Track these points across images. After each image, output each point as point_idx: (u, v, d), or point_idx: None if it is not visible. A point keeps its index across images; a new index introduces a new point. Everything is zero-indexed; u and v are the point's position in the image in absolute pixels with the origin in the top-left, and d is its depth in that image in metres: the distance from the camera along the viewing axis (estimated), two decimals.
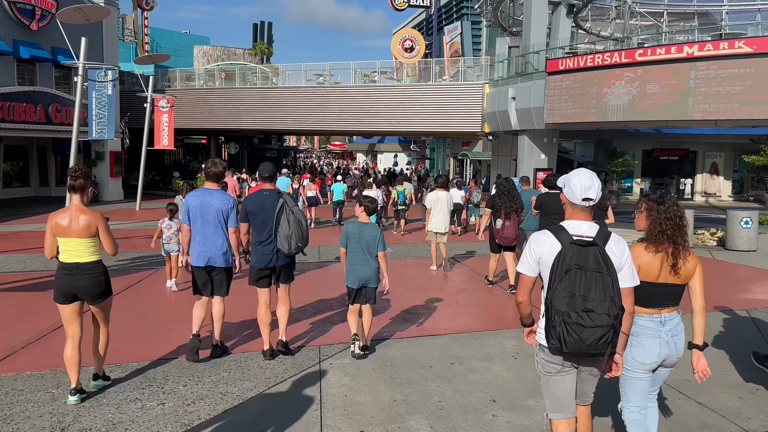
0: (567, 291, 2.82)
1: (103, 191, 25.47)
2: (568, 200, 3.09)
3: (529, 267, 3.10)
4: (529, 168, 20.88)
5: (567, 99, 17.93)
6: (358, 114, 25.56)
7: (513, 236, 8.62)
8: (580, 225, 3.03)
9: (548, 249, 2.99)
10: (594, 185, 3.01)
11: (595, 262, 2.85)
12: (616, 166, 32.51)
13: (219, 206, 5.47)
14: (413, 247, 13.62)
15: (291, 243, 5.39)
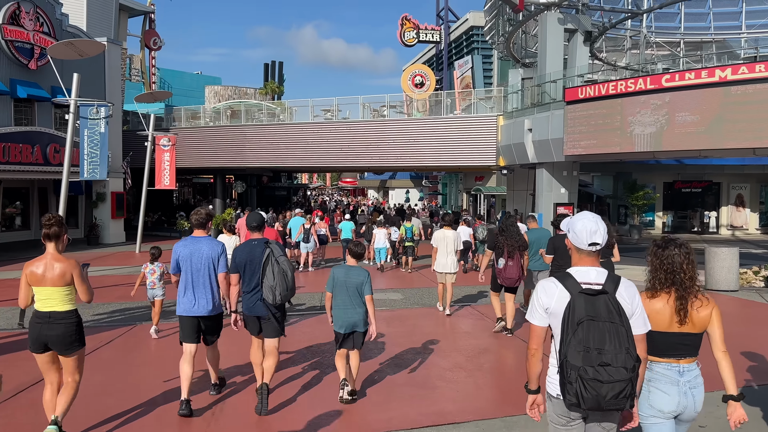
0: (581, 344, 2.71)
1: (103, 233, 24.57)
2: (574, 246, 3.00)
3: (539, 317, 2.99)
4: (548, 203, 19.69)
5: (588, 129, 16.83)
6: (367, 149, 24.63)
7: (516, 276, 8.18)
8: (588, 272, 2.94)
9: (557, 299, 2.89)
10: (599, 229, 2.95)
11: (607, 312, 2.76)
12: (636, 199, 31.29)
13: (208, 253, 5.50)
14: (426, 293, 12.40)
15: (275, 293, 5.36)
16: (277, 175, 44.62)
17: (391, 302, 11.18)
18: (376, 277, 15.47)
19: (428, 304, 11.06)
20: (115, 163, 24.48)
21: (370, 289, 5.70)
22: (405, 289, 12.75)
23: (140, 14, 35.26)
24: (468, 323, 9.40)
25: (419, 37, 46.21)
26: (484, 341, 8.36)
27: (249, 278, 5.53)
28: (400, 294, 12.09)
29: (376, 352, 7.55)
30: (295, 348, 7.71)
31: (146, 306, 10.72)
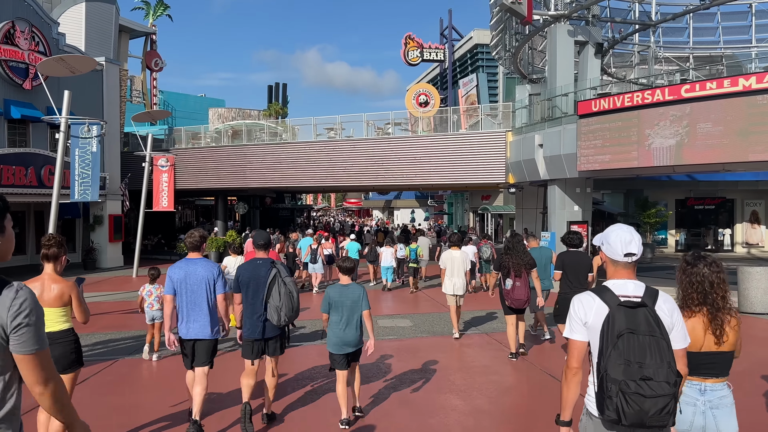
0: (621, 357, 2.60)
1: (101, 257, 23.82)
2: (609, 258, 2.91)
3: (579, 331, 2.86)
4: (561, 221, 18.87)
5: (602, 144, 16.07)
6: (372, 168, 23.92)
7: (525, 297, 7.89)
8: (626, 284, 2.84)
9: (595, 312, 2.78)
10: (634, 239, 2.87)
11: (647, 325, 2.66)
12: (649, 217, 30.49)
13: (204, 275, 5.38)
14: (437, 319, 11.55)
15: (281, 315, 5.29)
16: (281, 196, 43.98)
17: (400, 330, 10.35)
18: (383, 300, 14.65)
19: (440, 332, 10.21)
20: (113, 184, 23.86)
21: (367, 304, 5.52)
22: (414, 315, 11.91)
23: (141, 35, 34.98)
24: (485, 355, 8.54)
25: (423, 56, 45.84)
26: (506, 377, 7.51)
27: (252, 298, 5.42)
28: (409, 320, 11.26)
29: (385, 391, 6.72)
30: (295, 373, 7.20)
31: (133, 337, 9.96)
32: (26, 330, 2.00)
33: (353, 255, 16.46)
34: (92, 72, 23.29)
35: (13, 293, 2.00)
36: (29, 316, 2.01)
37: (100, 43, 25.35)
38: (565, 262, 7.71)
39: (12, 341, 1.99)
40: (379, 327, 10.50)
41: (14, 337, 1.99)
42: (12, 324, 1.98)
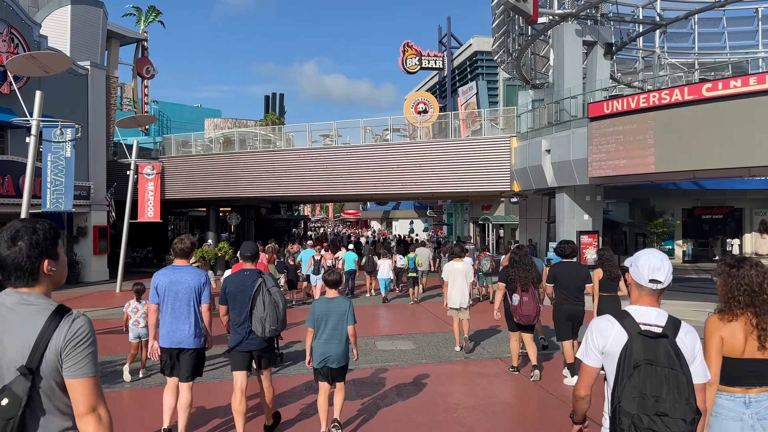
0: (636, 390, 2.49)
1: (84, 271, 22.65)
2: (634, 281, 2.78)
3: (593, 357, 2.72)
4: (570, 231, 17.80)
5: (616, 148, 15.04)
6: (370, 177, 22.85)
7: (534, 313, 7.46)
8: (648, 312, 2.70)
9: (613, 339, 2.65)
10: (664, 267, 2.71)
11: (667, 357, 2.52)
12: (656, 227, 29.51)
13: (191, 283, 5.25)
14: (441, 341, 10.40)
15: (265, 326, 5.17)
16: (276, 207, 42.88)
17: (402, 355, 9.18)
18: (382, 316, 13.53)
19: (446, 356, 9.06)
20: (98, 194, 22.75)
21: (353, 318, 5.38)
22: (416, 336, 10.77)
23: (133, 42, 34.02)
24: (504, 389, 7.38)
25: (422, 64, 44.94)
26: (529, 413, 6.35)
27: (239, 310, 5.31)
28: (411, 342, 10.11)
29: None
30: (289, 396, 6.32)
31: (110, 362, 8.83)
32: (80, 355, 2.05)
33: (350, 266, 16.41)
34: (76, 77, 22.30)
35: (71, 321, 2.06)
36: (85, 341, 2.07)
37: (86, 47, 24.33)
38: (556, 274, 7.33)
39: (64, 366, 2.04)
40: (377, 351, 9.42)
41: (68, 361, 2.04)
42: (66, 349, 2.03)
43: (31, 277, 2.10)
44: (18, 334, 2.02)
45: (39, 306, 2.07)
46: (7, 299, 2.07)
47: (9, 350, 2.01)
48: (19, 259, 2.07)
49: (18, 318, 2.04)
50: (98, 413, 2.07)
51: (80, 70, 22.39)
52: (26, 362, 1.99)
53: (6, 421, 1.94)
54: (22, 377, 1.97)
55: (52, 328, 2.03)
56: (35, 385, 2.00)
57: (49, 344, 2.02)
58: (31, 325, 2.03)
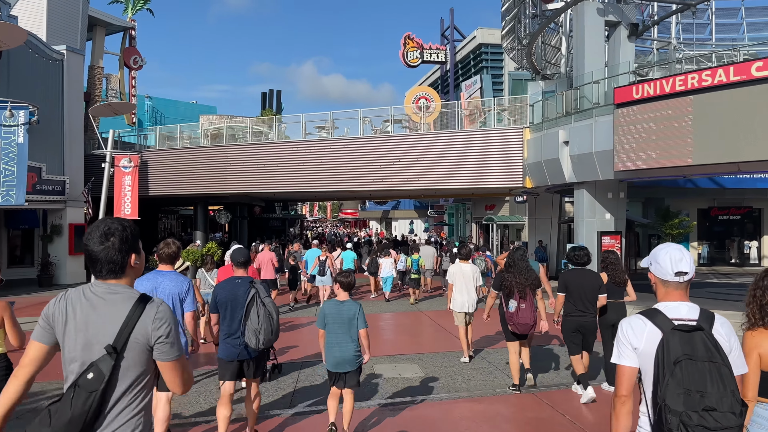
0: (680, 386, 2.38)
1: (59, 273, 20.86)
2: (659, 279, 2.69)
3: (629, 356, 2.61)
4: (590, 231, 16.07)
5: (647, 138, 13.30)
6: (368, 172, 21.07)
7: (530, 321, 6.95)
8: (679, 307, 2.60)
9: (647, 338, 2.54)
10: (684, 257, 2.64)
11: (706, 350, 2.42)
12: (671, 228, 27.76)
13: (172, 289, 5.05)
14: (454, 363, 8.64)
15: (259, 337, 5.06)
16: (271, 206, 41.13)
17: (407, 385, 7.33)
18: (382, 329, 11.78)
19: (464, 386, 7.25)
20: (74, 189, 20.97)
21: (363, 322, 5.31)
22: (423, 356, 9.00)
23: (119, 30, 32.22)
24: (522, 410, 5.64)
25: (423, 57, 43.14)
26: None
27: (230, 319, 5.20)
28: (417, 366, 8.29)
29: None
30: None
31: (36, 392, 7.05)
32: (169, 339, 2.29)
33: (349, 264, 16.15)
34: (50, 62, 20.54)
35: (156, 308, 2.30)
36: (169, 327, 2.30)
37: (64, 31, 22.54)
38: (568, 282, 6.80)
39: (156, 350, 2.29)
40: (378, 378, 7.65)
41: (159, 346, 2.28)
42: (155, 335, 2.26)
43: (120, 269, 2.34)
44: (107, 319, 2.26)
45: (125, 294, 2.31)
46: (97, 289, 2.31)
47: (99, 332, 2.25)
48: (111, 254, 2.31)
49: (107, 305, 2.28)
50: (189, 386, 2.41)
51: (55, 54, 20.61)
52: (113, 342, 2.23)
53: (89, 393, 2.18)
54: (108, 356, 2.21)
55: (138, 314, 2.27)
56: (117, 363, 2.23)
57: (135, 328, 2.25)
58: (119, 311, 2.27)
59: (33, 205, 19.60)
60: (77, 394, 2.18)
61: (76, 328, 2.27)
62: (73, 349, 2.27)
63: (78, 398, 2.17)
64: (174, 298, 5.05)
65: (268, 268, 13.58)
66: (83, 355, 2.25)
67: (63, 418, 2.15)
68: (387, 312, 14.34)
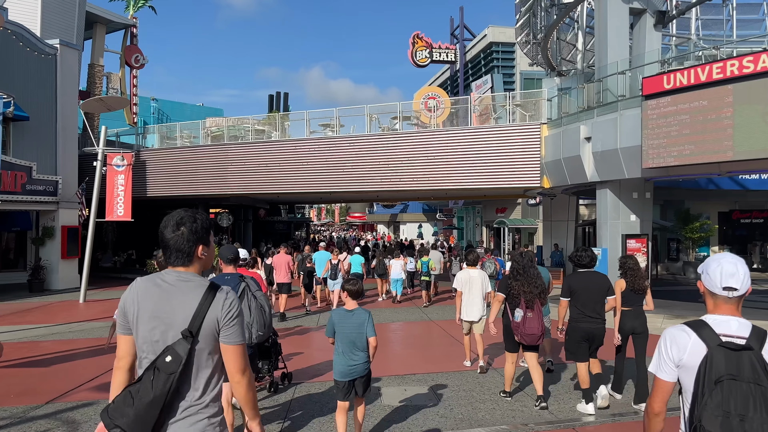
0: (719, 408, 2.24)
1: (51, 277, 19.87)
2: (707, 290, 2.53)
3: (668, 370, 2.47)
4: (614, 234, 14.92)
5: (679, 131, 12.16)
6: (375, 171, 19.99)
7: (538, 331, 6.38)
8: (728, 322, 2.43)
9: (690, 351, 2.39)
10: (738, 272, 2.44)
11: (752, 372, 2.26)
12: (691, 231, 26.55)
13: None
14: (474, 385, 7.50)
15: (252, 331, 5.16)
16: (276, 208, 40.14)
17: (417, 415, 6.19)
18: (391, 344, 10.67)
19: (488, 419, 6.09)
20: (67, 190, 20.03)
21: (372, 330, 5.10)
22: (436, 377, 7.87)
23: (120, 28, 31.37)
24: None
25: (432, 57, 42.10)
26: None
27: None
28: (430, 389, 7.13)
29: None
30: None
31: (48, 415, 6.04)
32: (235, 324, 2.40)
33: (356, 269, 16.17)
34: (42, 56, 19.61)
35: (225, 295, 2.42)
36: (237, 314, 2.42)
37: (60, 26, 21.67)
38: (572, 286, 6.41)
39: (222, 334, 2.39)
40: (383, 406, 6.49)
41: (225, 330, 2.39)
42: (224, 319, 2.38)
43: (187, 258, 2.47)
44: (180, 305, 2.38)
45: (195, 282, 2.44)
46: (168, 277, 2.44)
47: (173, 318, 2.36)
48: (180, 242, 2.45)
49: (179, 292, 2.40)
50: (246, 374, 2.45)
51: (47, 48, 19.68)
52: (188, 326, 2.34)
53: (168, 375, 2.29)
54: (184, 340, 2.33)
55: (209, 301, 2.38)
56: (192, 347, 2.34)
57: (207, 314, 2.36)
58: (191, 298, 2.38)
59: (22, 206, 18.67)
60: (157, 376, 2.28)
61: (150, 314, 2.39)
62: (148, 334, 2.39)
63: (158, 380, 2.28)
64: None
65: (282, 272, 13.43)
66: (158, 339, 2.36)
67: (145, 398, 2.25)
68: (396, 321, 13.25)
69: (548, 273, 8.41)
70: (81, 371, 8.30)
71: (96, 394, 7.05)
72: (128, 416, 2.25)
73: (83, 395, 7.03)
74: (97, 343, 10.63)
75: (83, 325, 12.73)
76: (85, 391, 7.22)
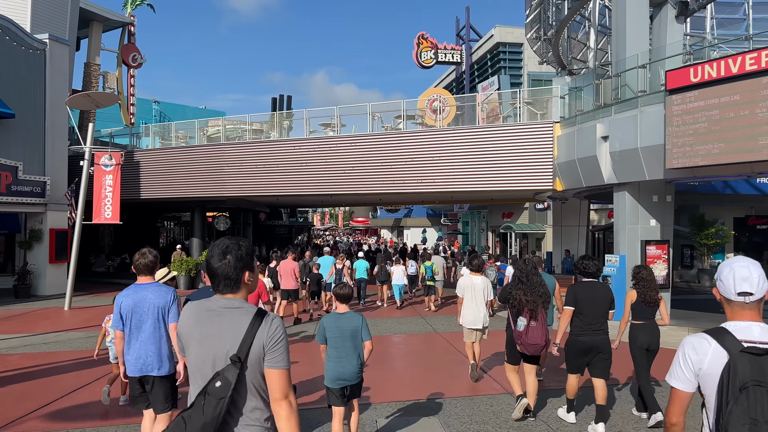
0: (746, 416, 2.17)
1: (38, 283, 18.97)
2: (723, 297, 2.44)
3: (685, 380, 2.39)
4: (633, 240, 13.94)
5: (708, 128, 11.18)
6: (378, 173, 19.05)
7: (542, 342, 6.01)
8: (750, 327, 2.36)
9: (711, 358, 2.32)
10: (752, 276, 2.37)
11: None
12: (707, 237, 25.51)
13: (156, 302, 4.79)
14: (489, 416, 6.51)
15: None
16: (277, 212, 39.25)
17: None
18: (393, 360, 9.70)
19: None
20: (56, 191, 19.15)
21: (368, 334, 5.04)
22: (444, 403, 6.90)
23: (118, 26, 30.58)
24: None
25: (437, 58, 41.22)
26: None
27: None
28: (439, 423, 6.11)
29: None
30: None
31: None
32: (280, 349, 2.44)
33: (361, 274, 16.14)
34: (30, 51, 18.76)
35: (271, 321, 2.46)
36: (282, 339, 2.46)
37: (51, 21, 20.84)
38: (578, 296, 6.09)
39: (267, 358, 2.42)
40: None
41: (269, 354, 2.42)
42: (269, 344, 2.41)
43: (235, 285, 2.52)
44: (228, 331, 2.42)
45: (243, 309, 2.49)
46: (217, 304, 2.50)
47: (222, 343, 2.40)
48: (227, 270, 2.50)
49: (227, 318, 2.45)
50: (289, 399, 2.44)
51: (36, 43, 18.84)
52: (237, 352, 2.38)
53: (218, 400, 2.33)
54: (232, 365, 2.37)
55: (256, 327, 2.42)
56: (242, 372, 2.38)
57: (255, 339, 2.40)
58: (239, 324, 2.42)
59: (7, 207, 17.81)
60: (207, 401, 2.33)
61: (200, 340, 2.46)
62: (198, 360, 2.45)
63: (209, 405, 2.32)
64: (159, 312, 4.76)
65: (289, 278, 13.08)
66: (208, 364, 2.42)
67: (197, 423, 2.31)
68: (398, 333, 12.28)
69: (554, 280, 7.89)
70: (40, 393, 7.37)
71: (48, 424, 6.10)
72: None
73: (31, 425, 6.08)
74: (71, 357, 9.73)
75: (61, 336, 11.81)
76: (36, 419, 6.27)
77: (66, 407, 6.78)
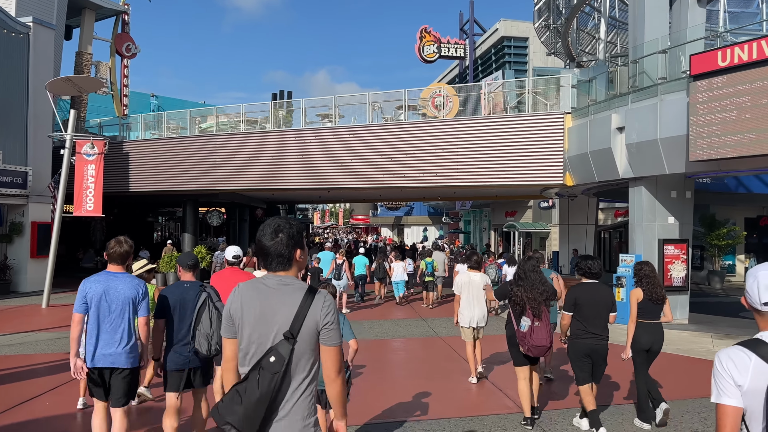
0: None
1: (18, 279, 18.04)
2: (752, 307, 2.26)
3: (732, 394, 2.15)
4: (650, 238, 13.00)
5: (737, 116, 10.24)
6: (378, 166, 18.12)
7: (547, 343, 5.78)
8: None
9: (753, 373, 2.12)
10: None
11: None
12: (718, 238, 24.61)
13: (127, 293, 4.59)
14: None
15: (211, 343, 4.75)
16: (274, 208, 38.37)
17: None
18: (392, 367, 8.76)
19: None
20: (38, 183, 18.23)
21: (351, 333, 4.90)
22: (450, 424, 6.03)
23: (111, 15, 29.60)
24: None
25: (440, 52, 40.22)
26: None
27: (178, 324, 4.83)
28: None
29: None
30: None
31: None
32: (333, 326, 2.48)
33: (361, 270, 16.31)
34: (12, 35, 17.82)
35: (323, 297, 2.49)
36: (335, 315, 2.50)
37: (38, 5, 19.91)
38: (579, 299, 5.73)
39: (322, 335, 2.47)
40: None
41: (324, 332, 2.46)
42: (324, 321, 2.46)
43: (288, 263, 2.56)
44: (282, 308, 2.46)
45: (295, 286, 2.52)
46: (269, 281, 2.53)
47: (275, 320, 2.44)
48: (280, 248, 2.54)
49: (280, 295, 2.49)
50: (342, 374, 2.53)
51: (18, 26, 17.89)
52: (290, 328, 2.42)
53: (273, 375, 2.38)
54: (286, 341, 2.41)
55: (309, 303, 2.46)
56: (293, 348, 2.41)
57: (307, 316, 2.44)
58: (291, 301, 2.47)
59: None
60: (263, 376, 2.38)
61: (254, 317, 2.47)
62: (252, 336, 2.47)
63: (264, 379, 2.37)
64: (129, 303, 4.58)
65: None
66: (262, 341, 2.45)
67: (252, 396, 2.35)
68: (396, 337, 11.36)
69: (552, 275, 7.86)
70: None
71: None
72: (237, 413, 2.34)
73: None
74: (36, 361, 8.80)
75: (31, 336, 10.89)
76: None
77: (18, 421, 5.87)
